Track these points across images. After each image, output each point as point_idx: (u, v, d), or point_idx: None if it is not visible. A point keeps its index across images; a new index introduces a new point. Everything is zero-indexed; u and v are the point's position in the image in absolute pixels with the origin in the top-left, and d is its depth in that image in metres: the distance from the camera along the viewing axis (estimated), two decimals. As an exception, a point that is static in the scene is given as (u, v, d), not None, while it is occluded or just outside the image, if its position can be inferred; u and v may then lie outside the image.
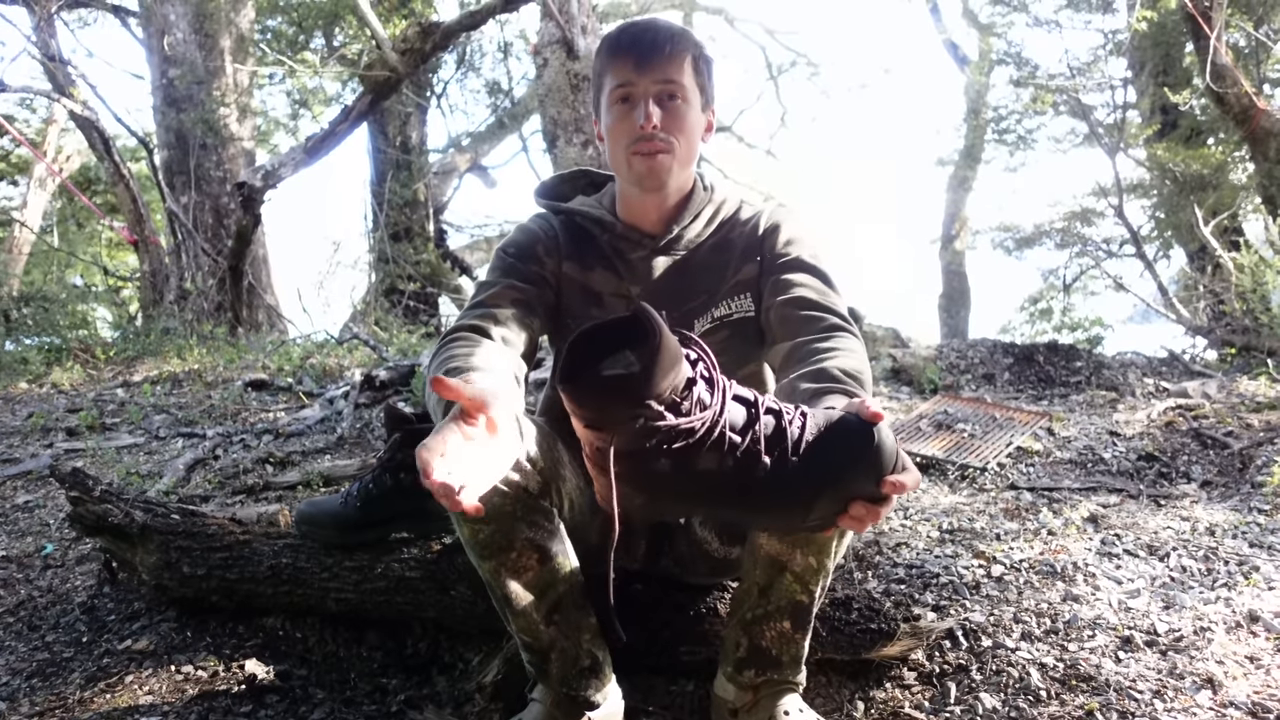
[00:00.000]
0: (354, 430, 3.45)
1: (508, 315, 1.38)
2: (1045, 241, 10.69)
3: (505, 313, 1.38)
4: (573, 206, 1.53)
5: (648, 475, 0.96)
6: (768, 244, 1.48)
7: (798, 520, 1.01)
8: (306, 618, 1.85)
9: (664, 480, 0.96)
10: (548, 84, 6.34)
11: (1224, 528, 2.23)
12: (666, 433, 0.93)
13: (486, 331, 1.34)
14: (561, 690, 1.40)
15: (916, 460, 3.00)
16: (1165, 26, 7.55)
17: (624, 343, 0.95)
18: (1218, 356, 4.80)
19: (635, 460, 0.94)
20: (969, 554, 2.10)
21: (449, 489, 0.89)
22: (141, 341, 6.11)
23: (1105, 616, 1.73)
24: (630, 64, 1.38)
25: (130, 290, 9.08)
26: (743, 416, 0.97)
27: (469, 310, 1.40)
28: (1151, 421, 3.31)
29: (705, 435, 0.94)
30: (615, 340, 0.95)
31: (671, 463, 0.94)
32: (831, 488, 0.97)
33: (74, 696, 1.65)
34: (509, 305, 1.40)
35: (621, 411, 0.91)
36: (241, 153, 7.82)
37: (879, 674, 1.60)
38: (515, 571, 1.34)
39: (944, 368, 4.20)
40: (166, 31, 7.44)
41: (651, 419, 0.92)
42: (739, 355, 1.51)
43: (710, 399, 0.96)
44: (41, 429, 3.80)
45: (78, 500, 1.97)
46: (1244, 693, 1.44)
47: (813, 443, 0.96)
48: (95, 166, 10.21)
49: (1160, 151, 7.65)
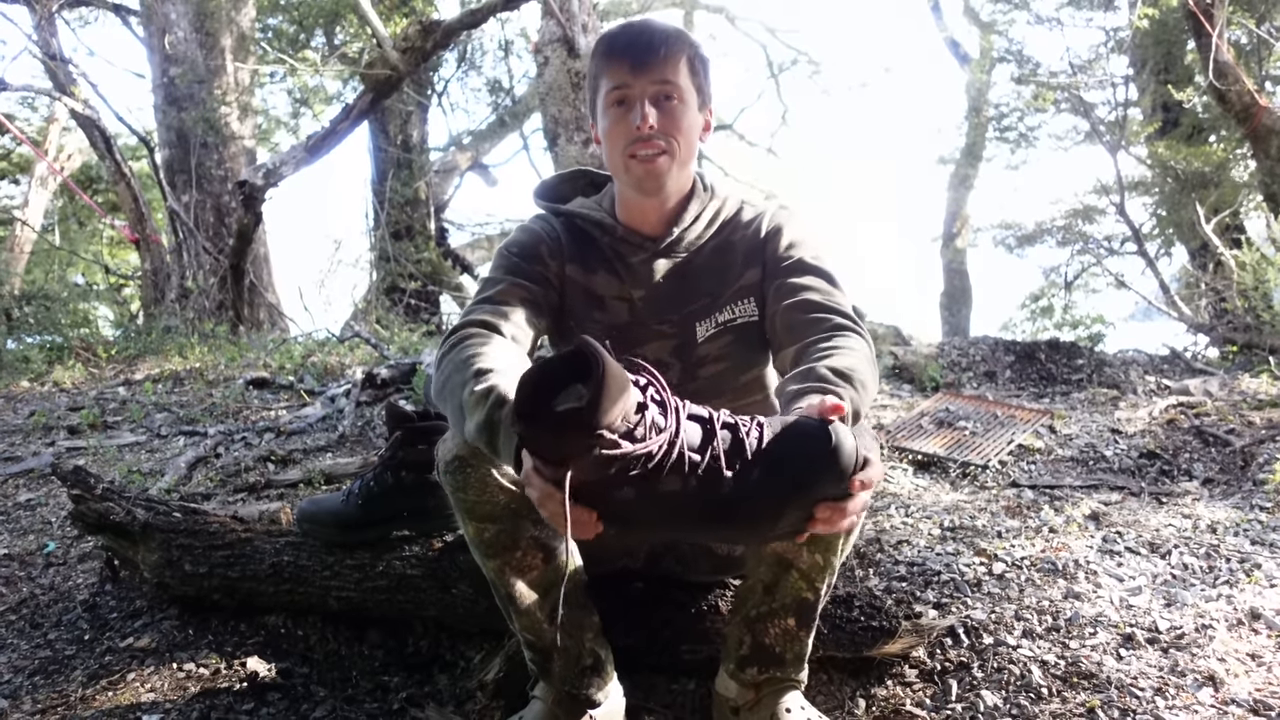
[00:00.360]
0: (355, 428, 3.45)
1: (517, 314, 1.37)
2: (1047, 239, 10.68)
3: (514, 311, 1.37)
4: (573, 209, 1.52)
5: (613, 504, 0.96)
6: (770, 248, 1.47)
7: (768, 530, 1.02)
8: (308, 616, 1.85)
9: (630, 508, 0.97)
10: (549, 82, 6.33)
11: (1225, 525, 2.23)
12: (625, 460, 0.93)
13: (498, 328, 1.33)
14: (563, 688, 1.40)
15: (918, 458, 3.00)
16: (1167, 24, 7.54)
17: (575, 377, 0.95)
18: (1219, 354, 4.79)
19: (599, 490, 0.95)
20: (970, 551, 2.10)
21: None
22: (143, 340, 6.12)
23: (1107, 614, 1.73)
24: (626, 66, 1.37)
25: (132, 289, 9.10)
26: (699, 434, 0.98)
27: (478, 305, 1.39)
28: (1153, 419, 3.30)
29: (664, 458, 0.95)
30: (566, 376, 0.96)
31: (635, 489, 0.95)
32: (796, 494, 0.97)
33: (76, 694, 1.65)
34: (518, 304, 1.39)
35: (577, 444, 0.92)
36: (242, 151, 7.82)
37: (880, 671, 1.60)
38: (520, 570, 1.35)
39: (945, 365, 4.20)
40: (167, 30, 7.44)
41: (607, 448, 0.92)
42: (742, 360, 1.51)
43: (665, 421, 0.96)
44: (43, 427, 3.80)
45: (79, 498, 1.97)
46: (1245, 690, 1.44)
47: (771, 451, 0.96)
48: (96, 165, 10.21)
49: (1162, 149, 7.65)
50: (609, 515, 0.98)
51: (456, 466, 1.27)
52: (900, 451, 3.04)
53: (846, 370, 1.17)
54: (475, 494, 1.28)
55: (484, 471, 1.26)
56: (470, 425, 1.13)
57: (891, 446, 3.06)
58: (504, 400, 1.09)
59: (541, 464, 0.97)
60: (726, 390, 1.49)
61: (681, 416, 0.98)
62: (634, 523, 1.00)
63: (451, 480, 1.28)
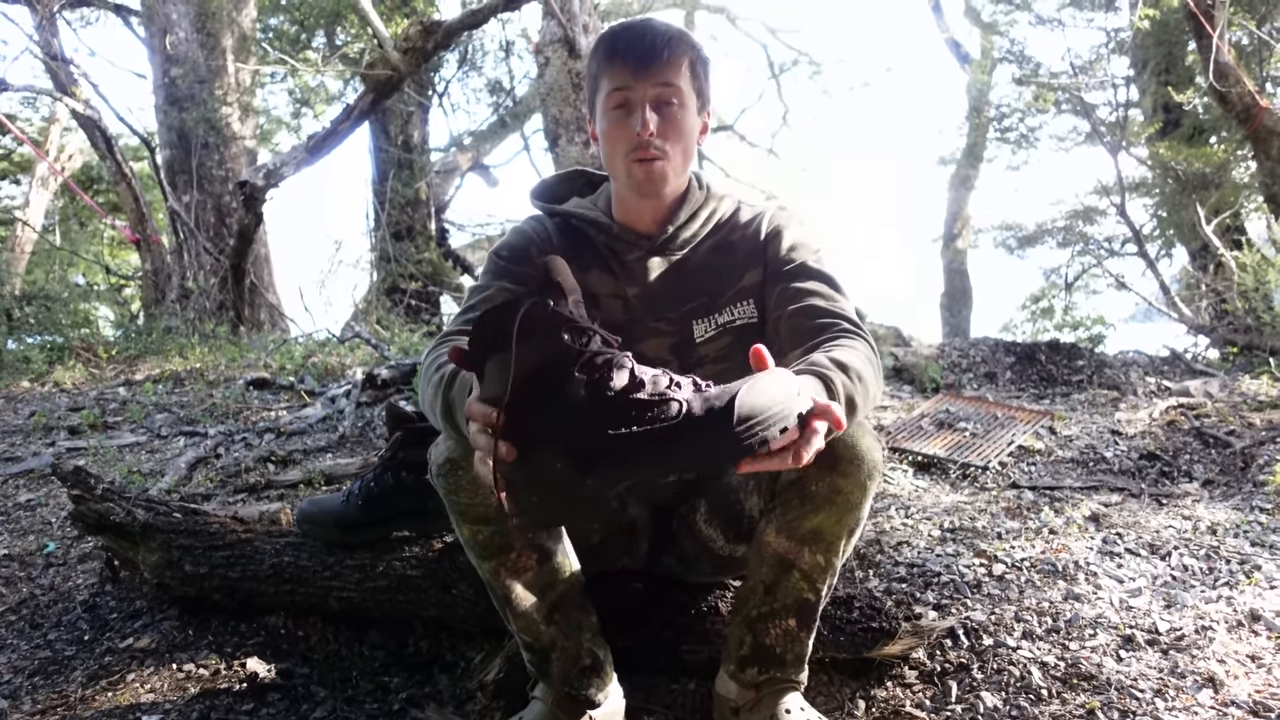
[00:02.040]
0: (355, 429, 3.45)
1: None
2: (1047, 240, 10.70)
3: None
4: (568, 208, 1.53)
5: (561, 412, 0.96)
6: (771, 250, 1.47)
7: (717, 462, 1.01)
8: (308, 616, 1.85)
9: (578, 414, 0.96)
10: (549, 83, 6.33)
11: (1226, 527, 2.23)
12: (579, 331, 0.97)
13: None
14: (563, 689, 1.40)
15: (918, 459, 3.00)
16: (1167, 25, 7.54)
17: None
18: (1220, 355, 4.80)
19: (549, 389, 0.96)
20: (970, 553, 2.10)
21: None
22: (143, 340, 6.12)
23: (1107, 615, 1.73)
24: (628, 69, 1.37)
25: (132, 289, 9.11)
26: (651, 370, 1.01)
27: (460, 316, 1.41)
28: (1153, 420, 3.30)
29: (614, 360, 0.98)
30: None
31: (586, 383, 0.96)
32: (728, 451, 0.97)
33: (76, 694, 1.65)
34: None
35: (535, 313, 0.95)
36: (243, 152, 7.82)
37: (880, 673, 1.60)
38: (515, 571, 1.35)
39: (946, 366, 4.20)
40: (168, 30, 7.45)
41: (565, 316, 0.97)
42: (741, 362, 1.50)
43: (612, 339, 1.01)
44: (44, 427, 3.80)
45: (80, 499, 1.97)
46: (1245, 692, 1.44)
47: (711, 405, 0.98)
48: (97, 165, 10.23)
49: (1162, 150, 7.64)
50: (553, 428, 0.96)
51: (449, 469, 1.27)
52: (900, 453, 3.04)
53: (843, 360, 1.17)
54: (468, 496, 1.28)
55: (476, 473, 1.26)
56: (438, 408, 1.18)
57: (892, 447, 3.06)
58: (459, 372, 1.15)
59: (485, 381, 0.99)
60: None
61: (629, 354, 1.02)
62: (581, 434, 0.97)
63: (444, 483, 1.28)
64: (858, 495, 1.24)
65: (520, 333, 0.95)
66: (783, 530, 1.30)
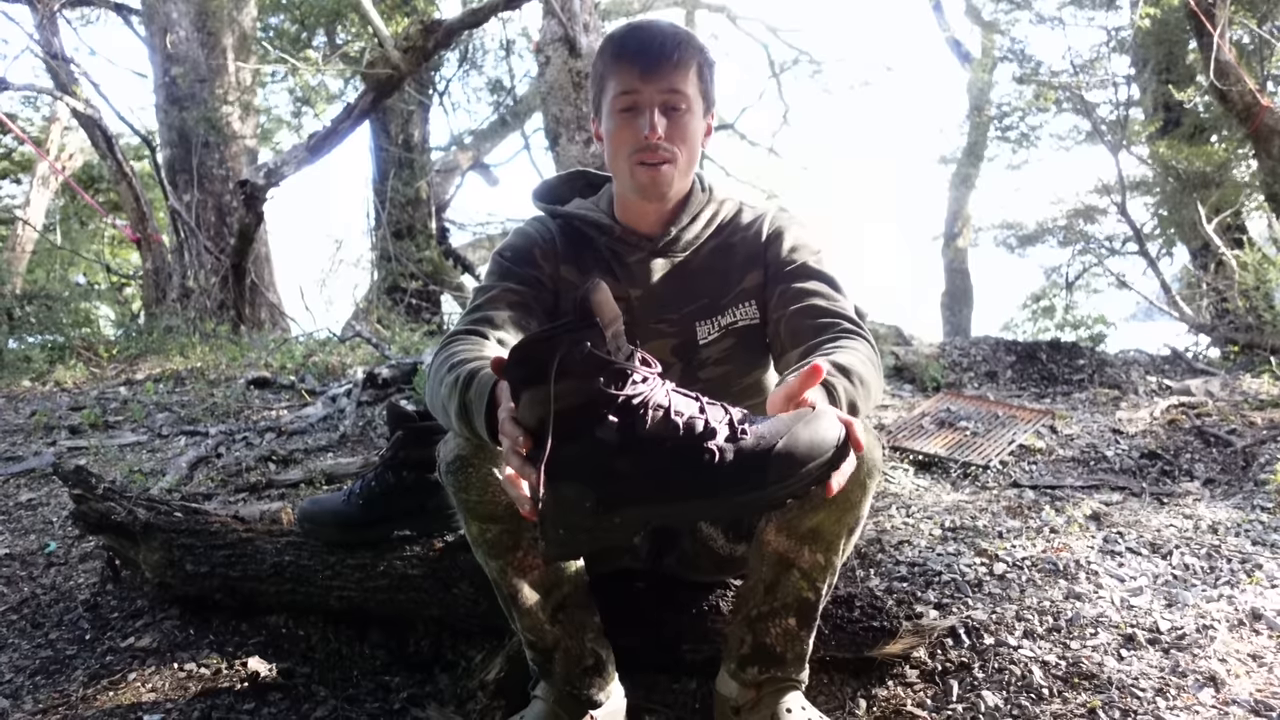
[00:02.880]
0: (356, 428, 3.45)
1: (504, 318, 1.39)
2: (1048, 239, 10.69)
3: (502, 315, 1.39)
4: (570, 210, 1.53)
5: (591, 450, 0.96)
6: (772, 251, 1.47)
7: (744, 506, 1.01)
8: (309, 616, 1.85)
9: (609, 455, 0.96)
10: (550, 82, 6.33)
11: (1227, 525, 2.23)
12: (613, 372, 0.96)
13: (484, 334, 1.35)
14: (565, 688, 1.40)
15: (919, 458, 3.00)
16: (1168, 23, 7.53)
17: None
18: (1221, 354, 4.80)
19: (580, 423, 0.95)
20: (971, 552, 2.10)
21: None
22: (144, 339, 6.12)
23: (1108, 614, 1.72)
24: (636, 72, 1.37)
25: (133, 288, 9.10)
26: (688, 403, 1.01)
27: (467, 316, 1.41)
28: (1154, 419, 3.30)
29: (649, 400, 0.97)
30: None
31: (619, 427, 0.96)
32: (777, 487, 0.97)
33: (77, 694, 1.65)
34: (505, 308, 1.40)
35: (570, 352, 0.94)
36: (244, 151, 7.83)
37: (881, 672, 1.60)
38: (522, 570, 1.35)
39: (947, 366, 4.20)
40: (169, 30, 7.45)
41: (598, 354, 0.95)
42: (744, 363, 1.51)
43: (651, 369, 1.00)
44: (44, 427, 3.80)
45: (81, 498, 1.97)
46: (1247, 691, 1.44)
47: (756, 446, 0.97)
48: (98, 165, 10.21)
49: (1163, 149, 7.64)
50: (584, 467, 0.96)
51: (459, 466, 1.27)
52: (901, 452, 3.04)
53: (845, 364, 1.17)
54: (477, 494, 1.28)
55: (486, 471, 1.26)
56: (452, 409, 1.17)
57: (892, 446, 3.06)
58: (478, 371, 1.14)
59: (519, 406, 0.99)
60: (727, 392, 1.49)
61: (668, 383, 1.01)
62: (611, 476, 0.97)
63: (453, 480, 1.28)
64: (857, 494, 1.24)
65: (558, 373, 0.94)
66: (783, 529, 1.30)
